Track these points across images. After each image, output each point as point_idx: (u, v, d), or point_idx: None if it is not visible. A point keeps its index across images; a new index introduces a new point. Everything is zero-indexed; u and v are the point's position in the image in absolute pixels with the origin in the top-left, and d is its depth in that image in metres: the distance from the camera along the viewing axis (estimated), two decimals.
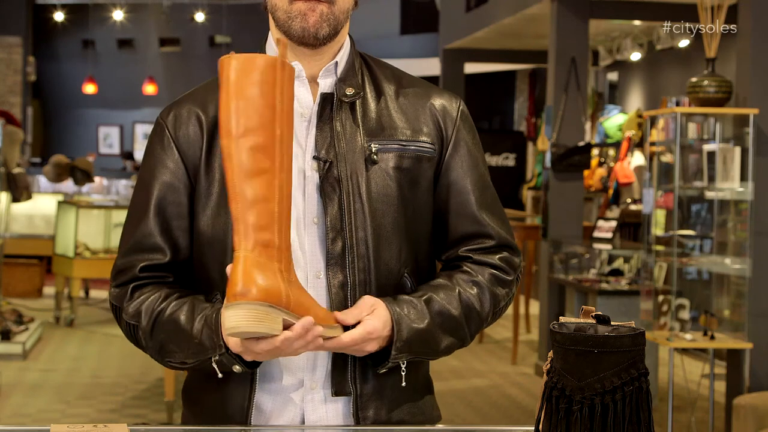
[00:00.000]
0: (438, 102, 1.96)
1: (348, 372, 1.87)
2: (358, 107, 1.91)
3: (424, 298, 1.86)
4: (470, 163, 1.95)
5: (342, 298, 1.85)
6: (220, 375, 1.78)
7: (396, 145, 1.90)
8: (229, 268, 1.63)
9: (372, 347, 1.80)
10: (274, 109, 1.65)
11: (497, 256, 1.94)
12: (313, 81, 1.91)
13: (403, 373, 1.84)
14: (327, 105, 1.90)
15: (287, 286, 1.64)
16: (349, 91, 1.91)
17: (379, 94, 1.94)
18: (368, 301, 1.82)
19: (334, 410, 1.88)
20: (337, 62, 1.92)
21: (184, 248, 1.90)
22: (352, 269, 1.85)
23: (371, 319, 1.79)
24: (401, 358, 1.82)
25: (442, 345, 1.87)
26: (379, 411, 1.88)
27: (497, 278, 1.93)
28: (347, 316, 1.79)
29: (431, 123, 1.94)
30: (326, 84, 1.92)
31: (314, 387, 1.87)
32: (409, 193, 1.90)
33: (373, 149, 1.89)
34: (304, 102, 1.90)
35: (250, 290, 1.59)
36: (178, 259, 1.90)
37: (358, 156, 1.88)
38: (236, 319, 1.60)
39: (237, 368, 1.77)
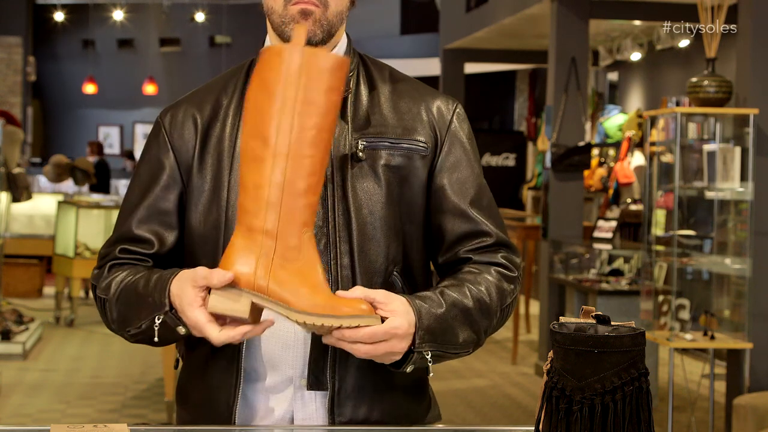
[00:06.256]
0: (433, 104, 1.95)
1: (326, 366, 1.84)
2: (348, 105, 1.90)
3: (438, 291, 1.82)
4: (465, 164, 1.93)
5: None
6: (156, 339, 1.78)
7: (386, 143, 1.89)
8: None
9: (402, 347, 1.73)
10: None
11: (499, 254, 1.90)
12: None
13: (430, 364, 1.77)
14: None
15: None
16: None
17: (372, 92, 1.93)
18: (384, 294, 1.74)
19: (323, 408, 1.86)
20: None
21: (171, 243, 1.91)
22: (335, 266, 1.83)
23: (394, 318, 1.72)
24: (425, 348, 1.75)
25: (461, 338, 1.81)
26: (357, 410, 1.85)
27: (502, 275, 1.89)
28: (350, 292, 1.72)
29: (426, 123, 1.92)
30: None
31: (303, 384, 1.85)
32: (399, 191, 1.88)
33: (360, 146, 1.87)
34: None
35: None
36: (161, 251, 1.90)
37: (345, 152, 1.87)
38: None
39: (181, 329, 1.76)
